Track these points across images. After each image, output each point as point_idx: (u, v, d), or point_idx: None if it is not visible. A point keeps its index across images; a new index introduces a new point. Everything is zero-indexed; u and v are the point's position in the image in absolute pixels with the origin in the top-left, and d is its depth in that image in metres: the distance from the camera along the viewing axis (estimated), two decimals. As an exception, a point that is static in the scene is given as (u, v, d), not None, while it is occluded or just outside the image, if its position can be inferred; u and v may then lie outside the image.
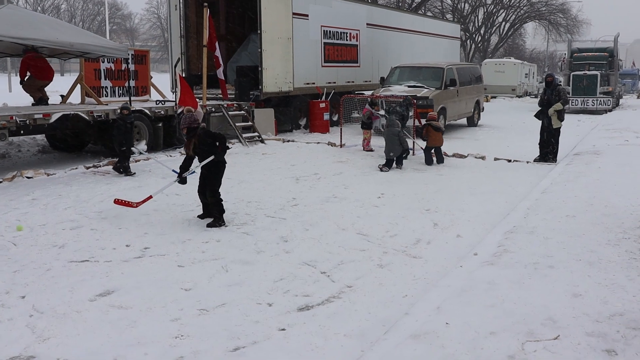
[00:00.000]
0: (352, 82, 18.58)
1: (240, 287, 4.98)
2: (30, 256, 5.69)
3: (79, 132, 11.64)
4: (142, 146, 11.48)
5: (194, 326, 4.24)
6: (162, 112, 12.28)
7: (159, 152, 11.83)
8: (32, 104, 12.23)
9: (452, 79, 16.30)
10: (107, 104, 12.16)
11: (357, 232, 6.67)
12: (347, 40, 18.16)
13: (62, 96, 13.04)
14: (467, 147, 13.36)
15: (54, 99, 13.44)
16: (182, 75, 14.28)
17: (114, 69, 13.23)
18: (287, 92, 15.63)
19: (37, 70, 12.17)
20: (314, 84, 16.62)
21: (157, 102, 13.07)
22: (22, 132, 10.17)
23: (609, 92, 25.22)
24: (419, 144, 11.99)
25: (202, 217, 7.01)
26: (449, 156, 11.93)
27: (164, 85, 16.10)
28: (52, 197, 7.99)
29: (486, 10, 50.93)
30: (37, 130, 10.71)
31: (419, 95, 14.72)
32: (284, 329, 4.21)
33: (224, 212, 6.86)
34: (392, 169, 10.67)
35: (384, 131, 11.21)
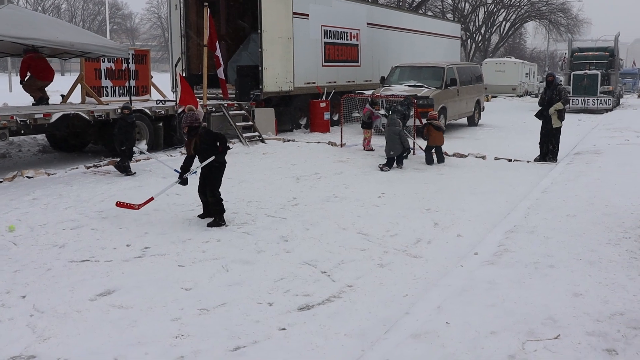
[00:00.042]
0: (353, 81, 18.57)
1: (240, 287, 4.98)
2: (30, 256, 5.70)
3: (80, 132, 11.64)
4: (143, 146, 11.48)
5: (194, 326, 4.24)
6: (163, 112, 12.28)
7: (160, 152, 11.83)
8: (33, 104, 12.23)
9: (452, 78, 16.29)
10: (107, 104, 12.16)
11: (358, 232, 6.67)
12: (347, 39, 18.15)
13: (63, 96, 13.04)
14: (468, 146, 13.36)
15: (54, 98, 13.43)
16: (183, 74, 14.29)
17: (114, 68, 13.23)
18: (288, 92, 15.63)
19: (38, 70, 12.17)
20: (314, 83, 16.62)
21: (158, 102, 13.07)
22: (22, 131, 10.17)
23: (609, 92, 25.20)
24: (419, 145, 12.00)
25: (203, 216, 7.01)
26: (450, 156, 11.93)
27: (164, 85, 16.10)
28: (52, 197, 8.00)
29: (487, 9, 50.93)
30: (38, 130, 10.71)
31: (419, 94, 14.72)
32: (284, 329, 4.21)
33: (225, 211, 6.86)
34: (392, 168, 10.67)
35: (385, 130, 11.21)
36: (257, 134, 13.72)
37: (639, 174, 9.40)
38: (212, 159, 6.66)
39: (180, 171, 6.95)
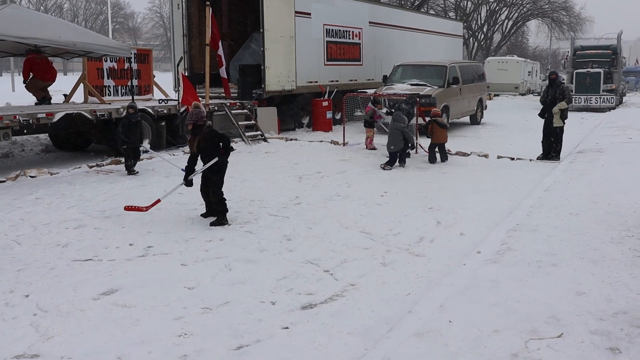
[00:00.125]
0: (355, 80, 18.55)
1: (243, 286, 4.99)
2: (34, 255, 5.71)
3: (82, 132, 11.65)
4: (146, 145, 11.49)
5: (197, 325, 4.24)
6: (165, 111, 12.29)
7: (162, 151, 11.84)
8: (35, 103, 12.25)
9: (454, 77, 16.26)
10: (110, 103, 12.17)
11: (360, 231, 6.67)
12: (349, 38, 18.14)
13: (65, 95, 13.07)
14: (470, 145, 13.35)
15: (57, 98, 13.45)
16: (185, 74, 14.28)
17: (116, 68, 13.25)
18: (290, 91, 15.63)
19: (40, 70, 12.18)
20: (316, 82, 16.62)
21: (160, 101, 13.09)
22: (25, 131, 10.19)
23: (612, 90, 25.15)
24: (422, 145, 11.99)
25: (205, 215, 7.01)
26: (452, 154, 11.92)
27: (166, 84, 16.10)
28: (55, 196, 8.01)
29: (489, 8, 50.87)
30: (41, 129, 10.73)
31: (421, 93, 14.71)
32: (287, 328, 4.21)
33: (227, 210, 6.86)
34: (395, 167, 10.67)
35: (389, 125, 11.22)
36: (259, 133, 13.72)
37: (642, 173, 9.38)
38: (215, 160, 6.66)
39: (185, 171, 6.95)
